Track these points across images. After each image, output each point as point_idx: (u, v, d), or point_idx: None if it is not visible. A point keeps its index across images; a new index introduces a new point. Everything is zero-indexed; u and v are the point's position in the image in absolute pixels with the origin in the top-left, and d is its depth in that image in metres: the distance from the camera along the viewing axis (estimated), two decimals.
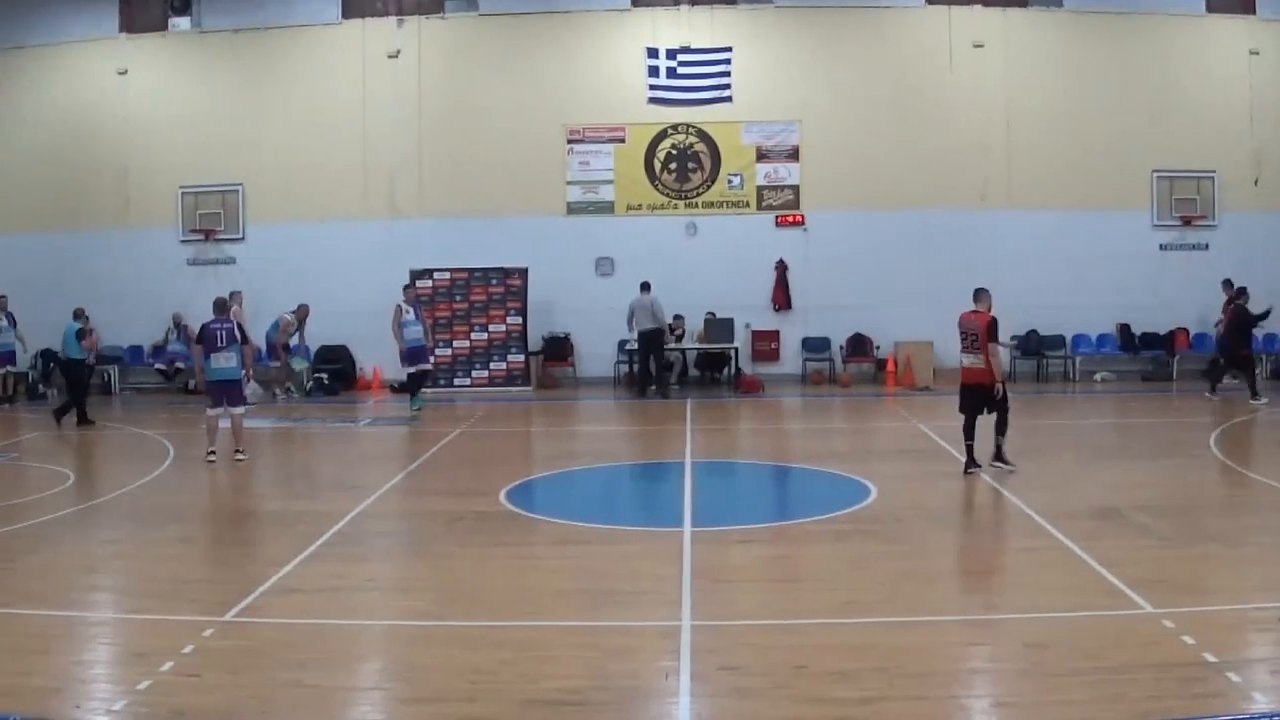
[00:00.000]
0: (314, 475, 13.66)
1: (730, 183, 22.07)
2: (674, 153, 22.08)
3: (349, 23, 22.19)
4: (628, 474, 13.43)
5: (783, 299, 21.90)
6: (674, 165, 22.09)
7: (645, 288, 19.83)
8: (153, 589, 8.00)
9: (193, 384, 19.58)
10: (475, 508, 10.58)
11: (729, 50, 21.59)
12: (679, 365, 21.78)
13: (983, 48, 21.63)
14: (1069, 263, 21.28)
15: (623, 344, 21.43)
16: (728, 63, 21.56)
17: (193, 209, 22.34)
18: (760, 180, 22.03)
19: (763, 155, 21.98)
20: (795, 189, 21.98)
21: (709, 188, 22.07)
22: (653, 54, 21.62)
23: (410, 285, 19.43)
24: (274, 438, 16.21)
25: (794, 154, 21.95)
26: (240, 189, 22.28)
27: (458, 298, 21.41)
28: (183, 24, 22.36)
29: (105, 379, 21.70)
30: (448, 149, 21.99)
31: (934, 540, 9.24)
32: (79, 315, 17.52)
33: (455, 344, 21.36)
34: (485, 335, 21.36)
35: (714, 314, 21.22)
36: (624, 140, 22.05)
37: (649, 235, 21.78)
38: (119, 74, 22.30)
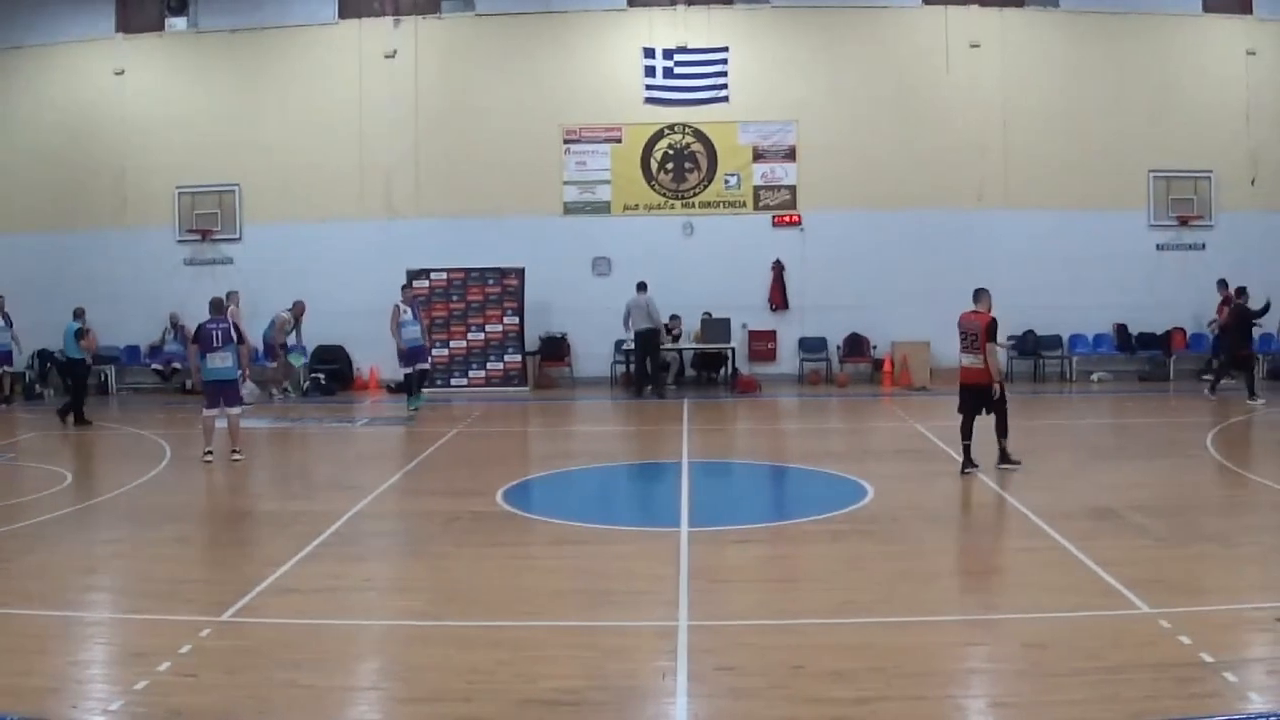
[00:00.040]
0: (311, 475, 13.64)
1: (727, 183, 22.07)
2: (670, 153, 22.08)
3: (345, 23, 22.18)
4: (625, 474, 13.43)
5: (779, 299, 21.91)
6: (670, 165, 22.09)
7: (641, 288, 19.83)
8: (150, 589, 8.00)
9: (189, 384, 19.59)
10: (472, 508, 10.58)
11: (725, 50, 21.62)
12: (676, 365, 21.78)
13: (979, 48, 21.63)
14: (1066, 263, 21.28)
15: (619, 344, 21.43)
16: (724, 63, 21.60)
17: (189, 209, 22.34)
18: (757, 180, 22.03)
19: (759, 155, 21.98)
20: (792, 189, 21.98)
21: (705, 188, 22.07)
22: (649, 54, 21.67)
23: (407, 285, 19.49)
24: (271, 438, 16.20)
25: (790, 154, 21.94)
26: (237, 189, 22.27)
27: (454, 298, 21.40)
28: (179, 24, 22.35)
29: (102, 379, 21.69)
30: (444, 149, 21.99)
31: (931, 540, 9.25)
32: (78, 315, 17.52)
33: (452, 344, 21.36)
34: (482, 335, 21.35)
35: (710, 314, 21.22)
36: (620, 140, 22.04)
37: (646, 235, 21.79)
38: (116, 74, 22.27)
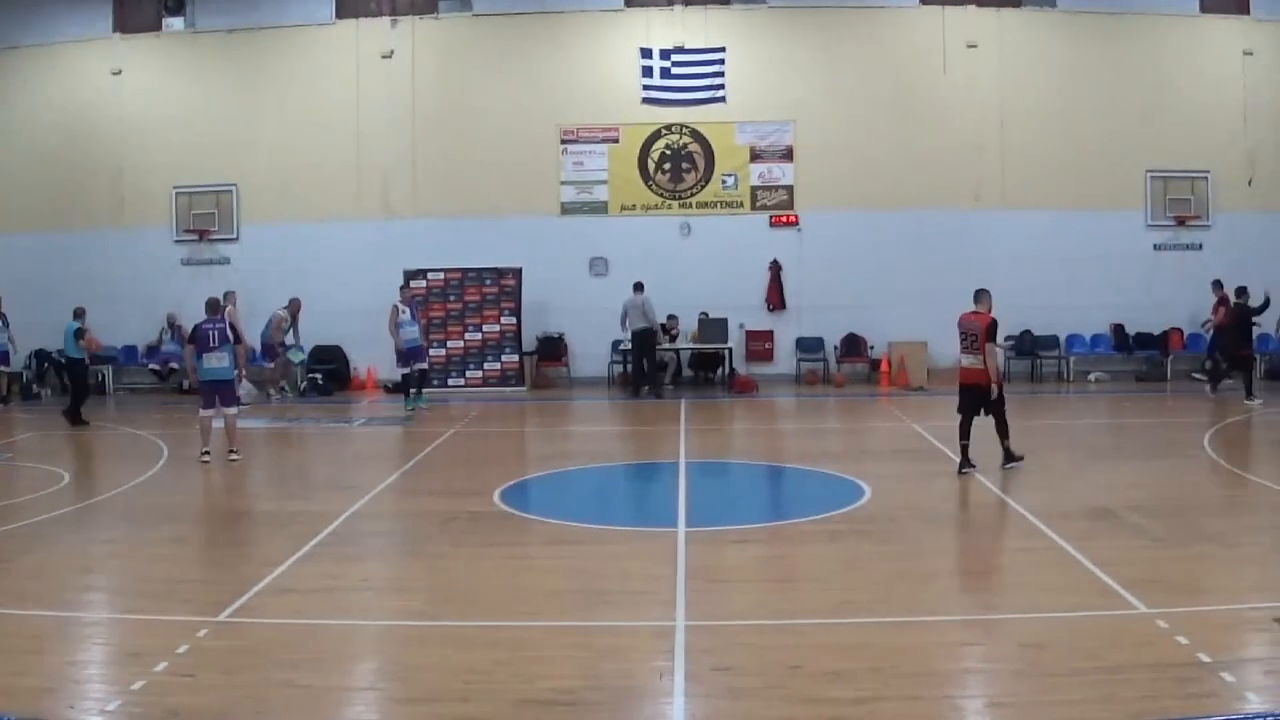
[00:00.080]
0: (308, 475, 13.63)
1: (724, 183, 22.06)
2: (668, 153, 22.07)
3: (342, 23, 22.17)
4: (622, 474, 13.43)
5: (777, 299, 21.91)
6: (668, 165, 22.09)
7: (638, 288, 19.82)
8: (147, 589, 7.99)
9: (187, 384, 19.57)
10: (469, 508, 10.58)
11: (723, 50, 21.63)
12: (673, 365, 21.78)
13: (976, 48, 21.64)
14: (1063, 263, 21.30)
15: (617, 344, 21.43)
16: (721, 63, 21.61)
17: (187, 209, 22.32)
18: (754, 180, 22.03)
19: (756, 155, 21.98)
20: (789, 189, 21.98)
21: (703, 188, 22.07)
22: (646, 54, 21.68)
23: (406, 285, 19.48)
24: (268, 438, 16.18)
25: (788, 154, 21.94)
26: (234, 189, 22.25)
27: (452, 298, 21.39)
28: (176, 24, 22.33)
29: (100, 379, 21.66)
30: (441, 149, 21.98)
31: (928, 540, 9.25)
32: (79, 315, 17.50)
33: (449, 344, 21.35)
34: (479, 335, 21.34)
35: (708, 314, 21.18)
36: (618, 140, 22.04)
37: (643, 235, 21.79)
38: (113, 74, 22.26)
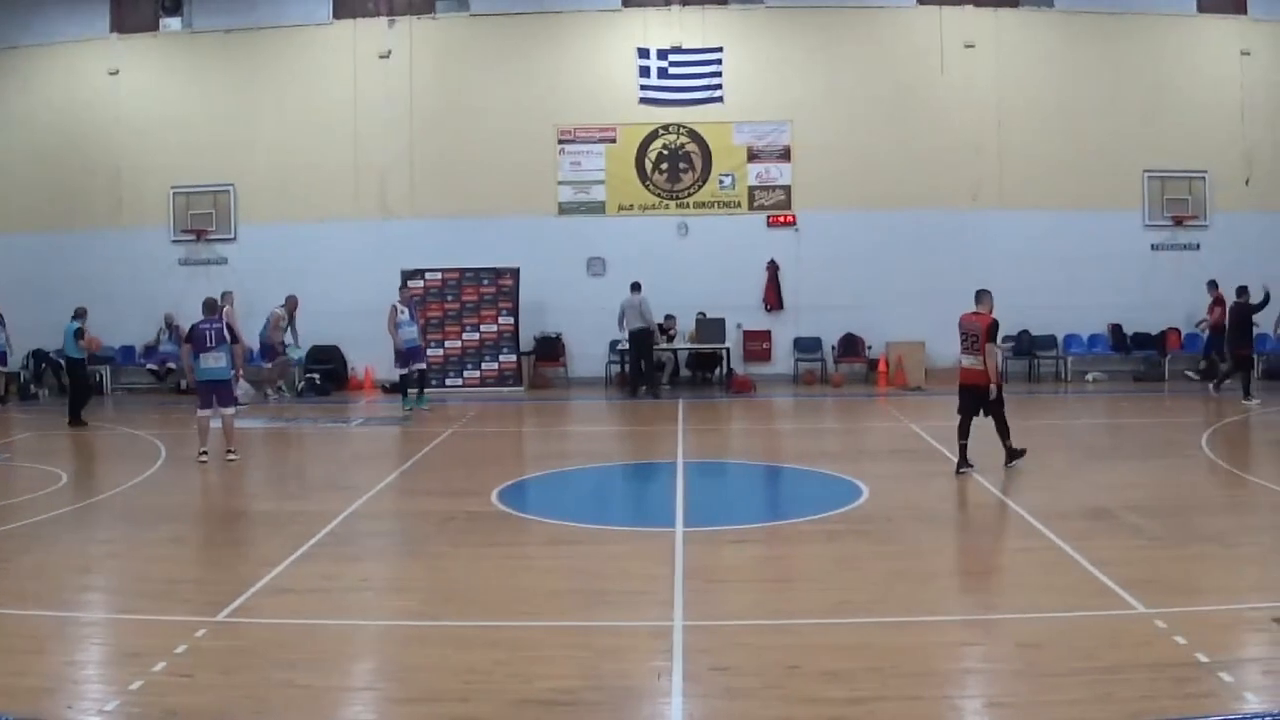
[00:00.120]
0: (306, 475, 13.63)
1: (721, 183, 22.06)
2: (665, 153, 22.07)
3: (340, 23, 22.16)
4: (620, 474, 13.43)
5: (774, 299, 21.91)
6: (665, 165, 22.09)
7: (635, 288, 19.82)
8: (145, 589, 7.98)
9: (184, 384, 19.55)
10: (468, 508, 10.57)
11: (720, 50, 21.63)
12: (670, 365, 21.78)
13: (974, 48, 21.65)
14: (1061, 263, 21.31)
15: (614, 344, 21.44)
16: (719, 63, 21.61)
17: (184, 209, 22.30)
18: (751, 180, 22.03)
19: (754, 155, 21.98)
20: (786, 189, 21.99)
21: (700, 188, 22.07)
22: (644, 54, 21.67)
23: (404, 285, 19.47)
24: (266, 438, 16.17)
25: (785, 154, 21.95)
26: (232, 189, 22.24)
27: (449, 298, 21.39)
28: (174, 24, 22.31)
29: (98, 379, 21.62)
30: (439, 149, 21.97)
31: (926, 540, 9.25)
32: (79, 315, 17.48)
33: (447, 344, 21.35)
34: (477, 335, 21.35)
35: (705, 314, 21.18)
36: (615, 140, 22.04)
37: (640, 235, 21.78)
38: (110, 74, 22.24)
